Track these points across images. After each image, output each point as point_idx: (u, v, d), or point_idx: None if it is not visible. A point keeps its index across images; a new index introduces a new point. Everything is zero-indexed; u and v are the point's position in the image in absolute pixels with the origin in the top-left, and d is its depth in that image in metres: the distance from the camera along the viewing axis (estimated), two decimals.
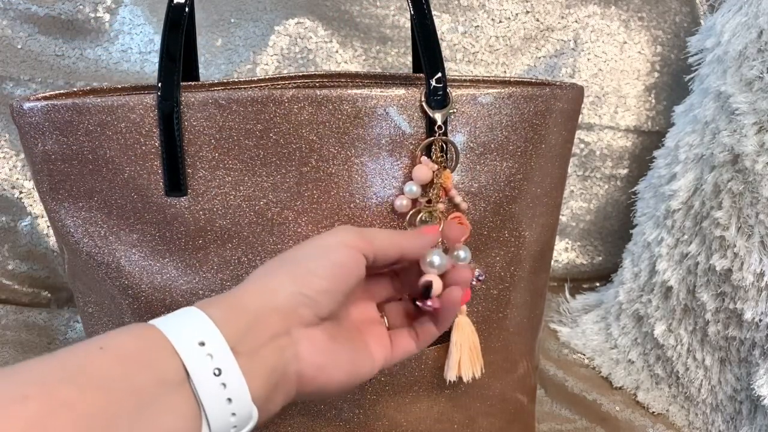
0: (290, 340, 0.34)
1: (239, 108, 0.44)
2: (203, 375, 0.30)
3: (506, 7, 0.90)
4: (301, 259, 0.36)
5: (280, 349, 0.34)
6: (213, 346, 0.30)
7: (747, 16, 0.65)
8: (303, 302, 0.35)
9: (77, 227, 0.46)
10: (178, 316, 0.32)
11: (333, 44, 0.88)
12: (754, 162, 0.61)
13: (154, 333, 0.30)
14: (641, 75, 0.94)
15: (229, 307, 0.33)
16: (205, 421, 0.30)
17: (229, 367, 0.30)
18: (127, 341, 0.30)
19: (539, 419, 0.68)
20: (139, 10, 0.86)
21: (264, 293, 0.35)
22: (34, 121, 0.44)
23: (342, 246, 0.37)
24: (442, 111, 0.45)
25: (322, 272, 0.36)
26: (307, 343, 0.35)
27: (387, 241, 0.39)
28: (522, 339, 0.53)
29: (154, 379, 0.28)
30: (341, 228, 0.39)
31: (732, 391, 0.65)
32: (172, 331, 0.30)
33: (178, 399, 0.29)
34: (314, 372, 0.35)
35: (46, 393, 0.25)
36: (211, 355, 0.30)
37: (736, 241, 0.62)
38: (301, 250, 0.38)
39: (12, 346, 0.77)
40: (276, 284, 0.35)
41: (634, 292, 0.76)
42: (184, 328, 0.30)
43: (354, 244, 0.37)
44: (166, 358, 0.29)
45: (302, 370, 0.35)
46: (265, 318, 0.33)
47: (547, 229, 0.51)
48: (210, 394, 0.30)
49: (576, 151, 0.94)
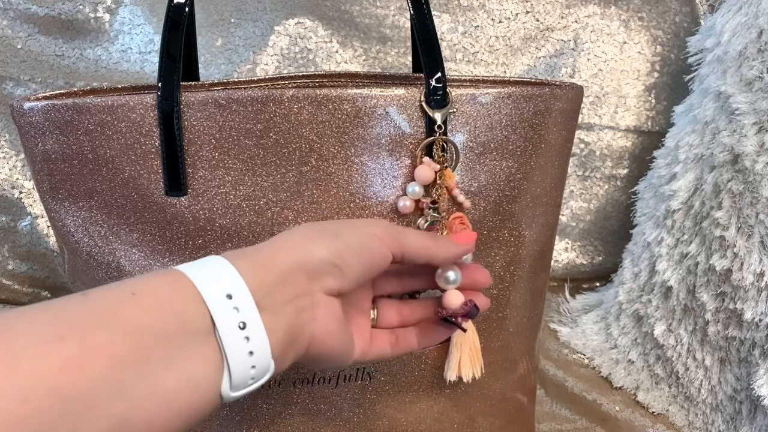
0: (311, 301, 0.35)
1: (239, 108, 0.44)
2: (229, 327, 0.30)
3: (506, 7, 0.90)
4: (341, 233, 0.37)
5: (301, 308, 0.34)
6: (239, 300, 0.31)
7: (747, 16, 0.65)
8: (332, 272, 0.36)
9: (77, 227, 0.46)
10: (208, 265, 0.32)
11: (333, 44, 0.88)
12: (754, 162, 0.61)
13: (185, 282, 0.31)
14: (641, 75, 0.94)
15: (258, 262, 0.34)
16: (227, 371, 0.31)
17: (254, 321, 0.31)
18: (158, 288, 0.30)
19: (539, 419, 0.68)
20: (139, 10, 0.86)
21: (299, 252, 0.35)
22: (34, 121, 0.44)
23: (375, 237, 0.37)
24: (441, 111, 0.45)
25: (358, 251, 0.37)
26: (325, 309, 0.36)
27: (419, 244, 0.39)
28: (522, 339, 0.53)
29: (183, 328, 0.29)
30: (378, 220, 0.40)
31: (732, 391, 0.65)
32: (202, 282, 0.31)
33: (204, 348, 0.30)
34: (325, 337, 0.36)
35: (81, 335, 0.26)
36: (237, 308, 0.31)
37: (736, 241, 0.62)
38: (340, 226, 0.38)
39: None
40: (314, 248, 0.36)
41: (634, 292, 0.76)
42: (213, 280, 0.31)
43: (385, 239, 0.38)
44: (194, 307, 0.30)
45: (315, 332, 0.35)
46: (293, 276, 0.34)
47: (546, 229, 0.51)
48: (234, 346, 0.31)
49: (576, 151, 0.94)
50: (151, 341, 0.28)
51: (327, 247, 0.36)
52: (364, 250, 0.37)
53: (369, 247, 0.37)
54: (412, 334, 0.43)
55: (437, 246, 0.40)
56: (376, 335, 0.42)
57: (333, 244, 0.36)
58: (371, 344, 0.41)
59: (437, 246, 0.40)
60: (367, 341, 0.41)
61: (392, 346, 0.42)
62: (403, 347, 0.42)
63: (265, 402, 0.48)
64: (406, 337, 0.42)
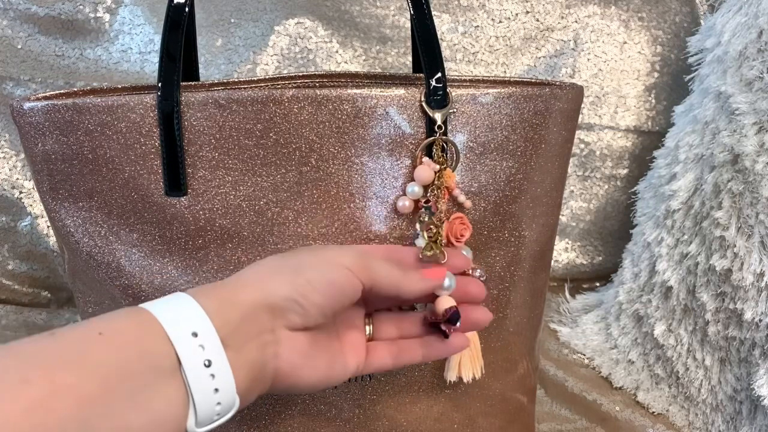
0: (274, 338, 0.36)
1: (239, 108, 0.44)
2: (194, 365, 0.31)
3: (506, 7, 0.90)
4: (302, 268, 0.37)
5: (263, 345, 0.35)
6: (205, 338, 0.32)
7: (747, 16, 0.65)
8: (295, 309, 0.36)
9: (77, 227, 0.46)
10: (173, 302, 0.33)
11: (333, 44, 0.88)
12: (754, 162, 0.61)
13: (150, 320, 0.31)
14: (641, 75, 0.94)
15: (222, 299, 0.34)
16: (193, 408, 0.31)
17: (219, 359, 0.32)
18: (124, 327, 0.31)
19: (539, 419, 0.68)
20: (139, 10, 0.86)
21: (260, 289, 0.36)
22: (35, 121, 0.44)
23: (343, 268, 0.37)
24: (441, 111, 0.45)
25: (320, 288, 0.36)
26: (289, 345, 0.36)
27: (387, 276, 0.39)
28: (522, 339, 0.53)
29: (149, 366, 0.30)
30: (348, 249, 0.40)
31: (732, 391, 0.65)
32: (168, 320, 0.31)
33: (170, 386, 0.30)
34: (290, 371, 0.36)
35: (47, 377, 0.27)
36: (203, 346, 0.31)
37: (736, 241, 0.62)
38: (304, 258, 0.38)
39: None
40: (274, 286, 0.36)
41: (634, 292, 0.76)
42: (178, 318, 0.32)
43: (355, 269, 0.38)
44: (160, 346, 0.31)
45: (279, 367, 0.36)
46: (256, 313, 0.35)
47: (547, 229, 0.51)
48: (199, 383, 0.31)
49: (576, 151, 0.94)
50: (118, 381, 0.29)
51: (287, 284, 0.36)
52: (328, 285, 0.37)
53: (334, 281, 0.37)
54: (416, 346, 0.42)
55: (405, 279, 0.40)
56: (375, 348, 0.42)
57: (293, 280, 0.36)
58: (369, 358, 0.41)
59: (405, 279, 0.40)
60: (363, 356, 0.41)
61: (394, 358, 0.42)
62: (406, 358, 0.42)
63: (265, 402, 0.48)
64: (409, 349, 0.42)
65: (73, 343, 0.29)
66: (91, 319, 0.31)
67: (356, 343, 0.41)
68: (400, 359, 0.42)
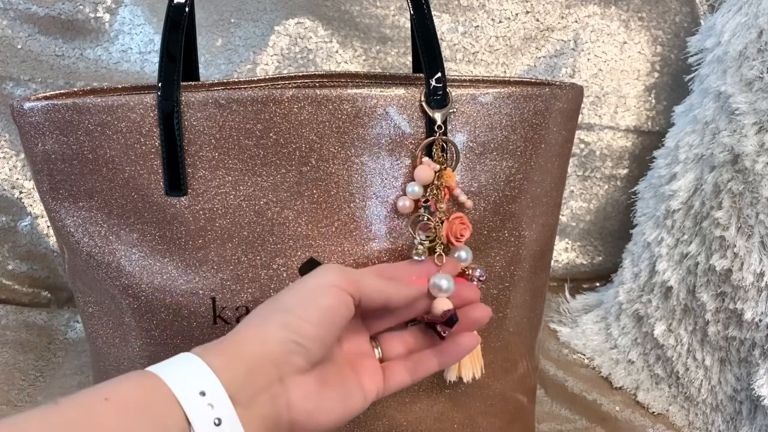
0: (283, 388, 0.35)
1: (239, 108, 0.44)
2: (204, 424, 0.30)
3: (506, 7, 0.90)
4: (291, 306, 0.37)
5: (273, 397, 0.34)
6: (213, 396, 0.31)
7: (747, 16, 0.65)
8: (295, 350, 0.35)
9: (77, 227, 0.46)
10: (178, 363, 0.32)
11: (333, 44, 0.88)
12: (754, 162, 0.61)
13: (156, 382, 0.31)
14: (641, 75, 0.94)
15: (227, 355, 0.34)
16: None
17: (229, 416, 0.31)
18: (130, 391, 0.30)
19: (539, 419, 0.68)
20: (139, 10, 0.86)
21: (259, 341, 0.35)
22: (35, 121, 0.44)
23: (330, 287, 0.37)
24: (441, 111, 0.45)
25: (313, 318, 0.36)
26: (299, 392, 0.35)
27: (374, 286, 0.39)
28: (522, 339, 0.53)
29: (158, 429, 0.29)
30: (329, 267, 0.39)
31: (732, 391, 0.65)
32: (174, 381, 0.31)
33: None
34: (305, 419, 0.36)
35: None
36: (212, 404, 0.31)
37: (736, 241, 0.62)
38: (291, 296, 0.38)
39: (12, 346, 0.77)
40: (269, 332, 0.35)
41: (634, 292, 0.76)
42: (185, 378, 0.31)
43: (341, 284, 0.37)
44: (168, 407, 0.30)
45: (294, 417, 0.35)
46: (260, 365, 0.34)
47: (547, 229, 0.51)
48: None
49: (576, 151, 0.94)
50: None
51: (280, 327, 0.35)
52: (321, 312, 0.36)
53: (325, 306, 0.37)
54: (429, 356, 0.42)
55: (393, 287, 0.40)
56: (390, 369, 0.41)
57: (285, 322, 0.36)
58: (387, 380, 0.41)
59: (393, 287, 0.40)
60: (380, 381, 0.40)
61: (411, 373, 0.42)
62: (422, 371, 0.42)
63: None
64: (423, 360, 0.42)
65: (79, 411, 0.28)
66: (95, 386, 0.31)
67: (370, 368, 0.41)
68: (417, 373, 0.42)
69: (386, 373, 0.41)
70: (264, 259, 0.46)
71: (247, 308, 0.46)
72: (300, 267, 0.46)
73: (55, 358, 0.78)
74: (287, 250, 0.46)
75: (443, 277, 0.42)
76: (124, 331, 0.48)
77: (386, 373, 0.41)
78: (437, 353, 0.42)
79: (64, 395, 0.29)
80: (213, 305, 0.46)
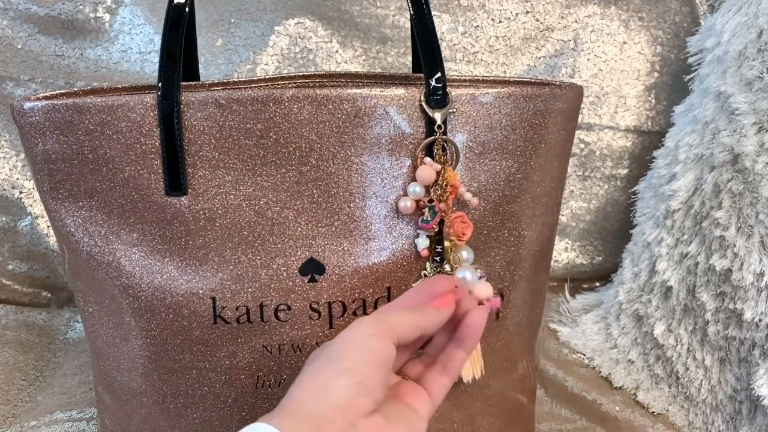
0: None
1: (239, 107, 0.44)
2: None
3: (506, 7, 0.90)
4: (341, 353, 0.37)
5: None
6: None
7: (747, 16, 0.65)
8: (360, 392, 0.35)
9: (77, 227, 0.46)
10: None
11: (333, 44, 0.88)
12: (754, 162, 0.61)
13: None
14: (641, 75, 0.94)
15: (294, 416, 0.34)
16: None
17: None
18: None
19: (539, 419, 0.68)
20: (139, 10, 0.86)
21: (321, 393, 0.35)
22: (35, 121, 0.44)
23: (368, 336, 0.37)
24: (441, 110, 0.45)
25: (366, 359, 0.36)
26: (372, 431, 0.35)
27: (407, 324, 0.39)
28: (522, 339, 0.53)
29: None
30: (360, 321, 0.39)
31: (732, 391, 0.65)
32: None
33: None
34: None
35: None
36: None
37: (736, 241, 0.62)
38: (336, 347, 0.37)
39: (12, 346, 0.77)
40: (329, 381, 0.35)
41: (634, 292, 0.76)
42: None
43: (378, 331, 0.37)
44: None
45: None
46: (328, 418, 0.34)
47: (546, 229, 0.51)
48: None
49: (576, 151, 0.94)
50: None
51: (338, 373, 0.35)
52: (372, 354, 0.36)
53: (371, 347, 0.37)
54: (452, 350, 0.42)
55: (424, 318, 0.40)
56: (426, 382, 0.41)
57: (342, 367, 0.36)
58: (431, 394, 0.41)
59: (424, 318, 0.40)
60: (426, 397, 0.40)
61: (447, 374, 0.41)
62: (454, 367, 0.42)
63: (266, 402, 0.48)
64: (449, 357, 0.42)
65: None
66: None
67: (412, 391, 0.41)
68: (451, 371, 0.42)
69: (427, 388, 0.41)
70: (264, 259, 0.46)
71: (247, 308, 0.46)
72: (300, 267, 0.46)
73: (55, 358, 0.78)
74: (287, 250, 0.46)
75: (463, 272, 0.43)
76: (124, 331, 0.48)
77: (427, 389, 0.41)
78: (458, 344, 0.42)
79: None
80: (213, 305, 0.46)
